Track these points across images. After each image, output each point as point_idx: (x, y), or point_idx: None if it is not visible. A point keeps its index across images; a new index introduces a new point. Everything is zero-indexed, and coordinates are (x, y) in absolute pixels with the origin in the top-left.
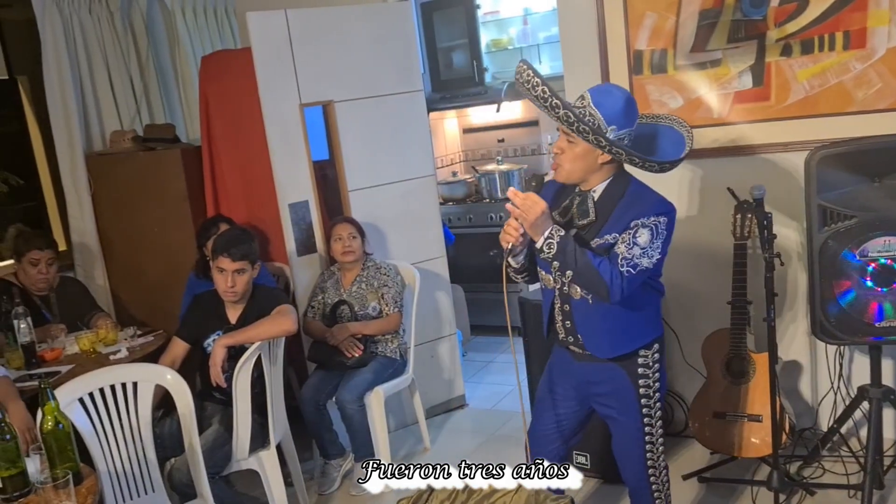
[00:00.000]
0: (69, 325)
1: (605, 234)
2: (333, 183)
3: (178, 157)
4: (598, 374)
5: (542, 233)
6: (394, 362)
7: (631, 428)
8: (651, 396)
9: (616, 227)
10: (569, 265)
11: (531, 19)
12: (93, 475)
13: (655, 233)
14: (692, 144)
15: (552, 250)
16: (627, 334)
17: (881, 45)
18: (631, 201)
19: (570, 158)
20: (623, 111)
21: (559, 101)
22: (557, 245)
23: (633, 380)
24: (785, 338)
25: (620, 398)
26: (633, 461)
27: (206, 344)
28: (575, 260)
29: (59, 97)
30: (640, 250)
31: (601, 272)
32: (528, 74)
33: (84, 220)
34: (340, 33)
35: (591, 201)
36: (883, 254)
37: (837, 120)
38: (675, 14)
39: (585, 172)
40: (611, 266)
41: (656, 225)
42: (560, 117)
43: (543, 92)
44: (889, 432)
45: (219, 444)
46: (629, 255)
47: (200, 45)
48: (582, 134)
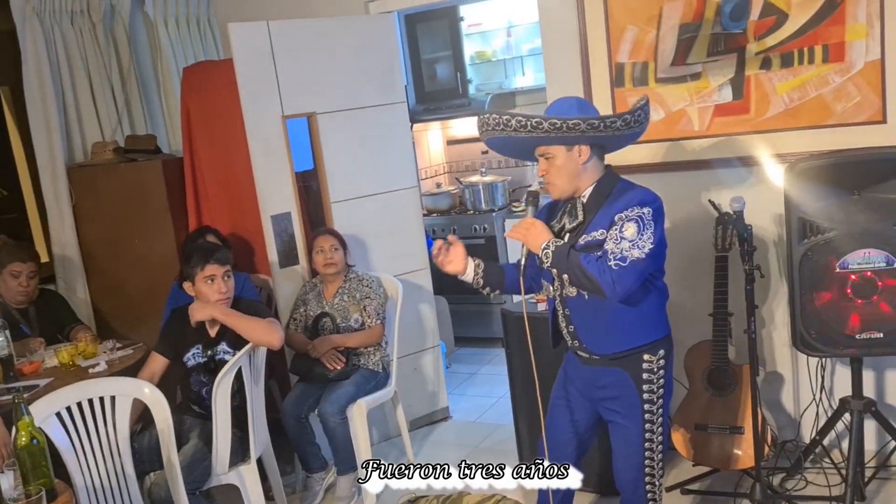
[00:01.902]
0: (48, 338)
1: (591, 231)
2: (317, 194)
3: (159, 169)
4: (603, 378)
5: (538, 246)
6: (376, 375)
7: (632, 433)
8: (654, 402)
9: (601, 224)
10: (564, 269)
11: (514, 31)
12: (68, 491)
13: (642, 224)
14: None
15: (549, 259)
16: (625, 332)
17: (859, 58)
18: (616, 197)
19: (555, 174)
20: (577, 106)
21: (538, 118)
22: (553, 253)
23: (638, 384)
24: (766, 349)
25: (624, 402)
26: (631, 467)
27: (185, 358)
28: (568, 263)
29: (41, 108)
30: (629, 243)
31: (589, 269)
32: (494, 119)
33: (65, 231)
34: (323, 45)
35: (579, 204)
36: (863, 266)
37: (817, 133)
38: (656, 27)
39: (573, 180)
40: (598, 262)
41: (641, 216)
42: (547, 129)
43: (518, 122)
44: (870, 444)
45: (198, 458)
46: (617, 249)
47: (183, 56)
48: (575, 129)
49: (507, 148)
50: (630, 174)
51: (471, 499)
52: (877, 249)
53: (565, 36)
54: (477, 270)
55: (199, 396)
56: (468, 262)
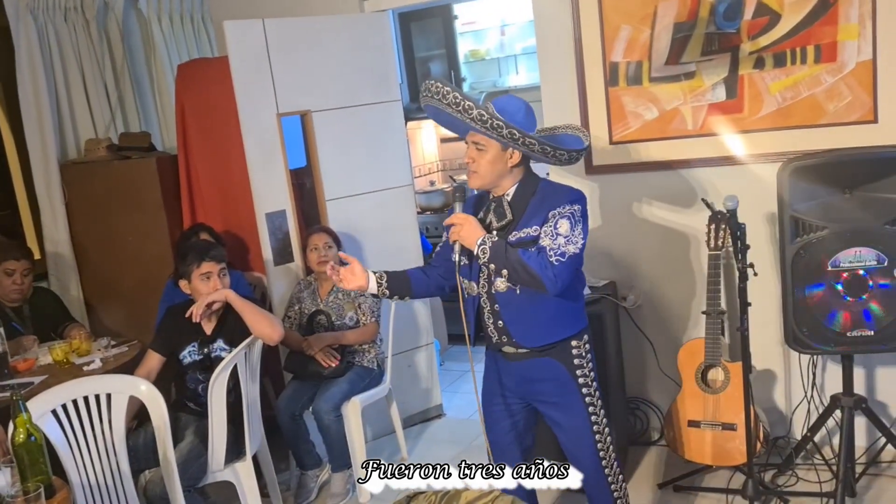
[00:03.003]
0: (42, 336)
1: (523, 228)
2: (310, 192)
3: (153, 166)
4: (537, 371)
5: (474, 242)
6: (371, 372)
7: (578, 419)
8: (590, 385)
9: (532, 221)
10: (503, 265)
11: (508, 30)
12: (65, 488)
13: (573, 220)
14: (589, 141)
15: (486, 254)
16: (557, 323)
17: (851, 58)
18: (543, 196)
19: (482, 165)
20: (524, 117)
21: (472, 102)
22: (490, 249)
23: (571, 371)
24: (758, 347)
25: (562, 391)
26: (584, 454)
27: (181, 356)
28: (507, 258)
29: (34, 105)
30: (564, 239)
31: (531, 265)
32: (436, 87)
33: (58, 229)
34: (318, 43)
35: (505, 203)
36: (854, 264)
37: (809, 132)
38: (650, 27)
39: (498, 177)
40: (539, 258)
41: (573, 213)
42: (475, 117)
43: (455, 98)
44: (861, 440)
45: (194, 455)
46: (555, 245)
47: (177, 53)
48: (496, 130)
49: (441, 119)
50: (622, 173)
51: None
52: (868, 248)
53: (559, 35)
54: (380, 282)
55: (194, 394)
56: (369, 276)
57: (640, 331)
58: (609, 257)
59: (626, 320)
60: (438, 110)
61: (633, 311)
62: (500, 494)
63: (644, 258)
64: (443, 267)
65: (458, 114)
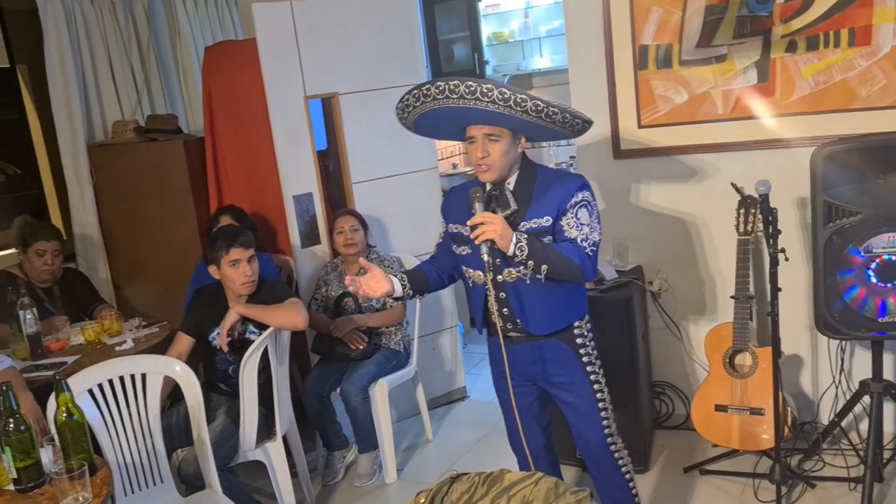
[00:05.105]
0: (72, 316)
1: (532, 218)
2: (333, 175)
3: (181, 149)
4: (542, 352)
5: (509, 240)
6: (397, 354)
7: (585, 397)
8: (594, 363)
9: (542, 211)
10: (542, 260)
11: (532, 13)
12: (106, 466)
13: (590, 208)
14: None
15: (524, 252)
16: (566, 310)
17: (886, 42)
18: (546, 183)
19: (496, 157)
20: None
21: (491, 84)
22: (528, 246)
23: (575, 350)
24: (786, 332)
25: (568, 370)
26: (593, 431)
27: (210, 337)
28: (546, 254)
29: (62, 87)
30: (588, 228)
31: (571, 258)
32: (439, 87)
33: (86, 211)
34: (345, 25)
35: (508, 192)
36: (887, 250)
37: (841, 116)
38: (682, 9)
39: (509, 167)
40: (576, 249)
41: (587, 201)
42: (495, 98)
43: (468, 88)
44: (889, 426)
45: (226, 435)
46: (582, 235)
47: (201, 36)
48: (520, 105)
49: (440, 125)
50: (651, 157)
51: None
52: None
53: (588, 17)
54: (404, 283)
55: (225, 375)
56: (393, 280)
57: (666, 315)
58: (636, 241)
59: (653, 305)
60: (438, 115)
61: (660, 295)
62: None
63: (671, 242)
64: (443, 260)
65: (475, 102)
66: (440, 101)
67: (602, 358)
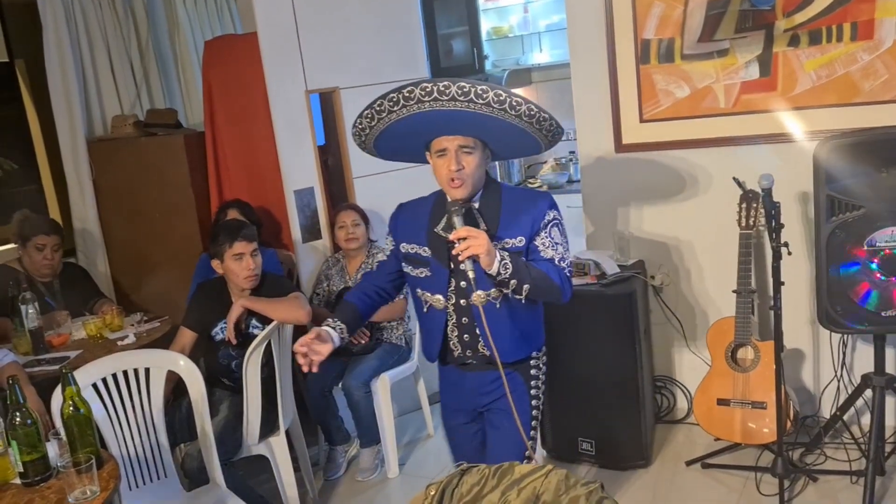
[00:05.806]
0: (72, 311)
1: (505, 238)
2: (333, 169)
3: (180, 144)
4: (491, 382)
5: (493, 258)
6: (399, 349)
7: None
8: (539, 398)
9: (514, 231)
10: (527, 280)
11: (532, 8)
12: (112, 460)
13: (561, 227)
14: None
15: (509, 270)
16: (526, 339)
17: (889, 36)
18: (514, 203)
19: (472, 170)
20: None
21: (485, 85)
22: (512, 264)
23: (527, 383)
24: (788, 326)
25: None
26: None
27: (213, 332)
28: (529, 273)
29: (61, 81)
30: (563, 247)
31: (553, 277)
32: (425, 88)
33: (86, 206)
34: (346, 19)
35: (475, 212)
36: (890, 244)
37: (844, 111)
38: (684, 3)
39: (480, 181)
40: (556, 269)
41: (558, 220)
42: (490, 100)
43: (460, 88)
44: (891, 419)
45: (229, 430)
46: (559, 254)
47: (200, 30)
48: (514, 109)
49: (406, 138)
50: (655, 150)
51: (522, 469)
52: None
53: (590, 11)
54: (341, 333)
55: (227, 369)
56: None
57: (668, 309)
58: (638, 236)
59: (655, 299)
60: (405, 131)
61: (662, 289)
62: (553, 468)
63: (673, 237)
64: (377, 279)
65: (468, 104)
66: (425, 104)
67: (604, 353)
